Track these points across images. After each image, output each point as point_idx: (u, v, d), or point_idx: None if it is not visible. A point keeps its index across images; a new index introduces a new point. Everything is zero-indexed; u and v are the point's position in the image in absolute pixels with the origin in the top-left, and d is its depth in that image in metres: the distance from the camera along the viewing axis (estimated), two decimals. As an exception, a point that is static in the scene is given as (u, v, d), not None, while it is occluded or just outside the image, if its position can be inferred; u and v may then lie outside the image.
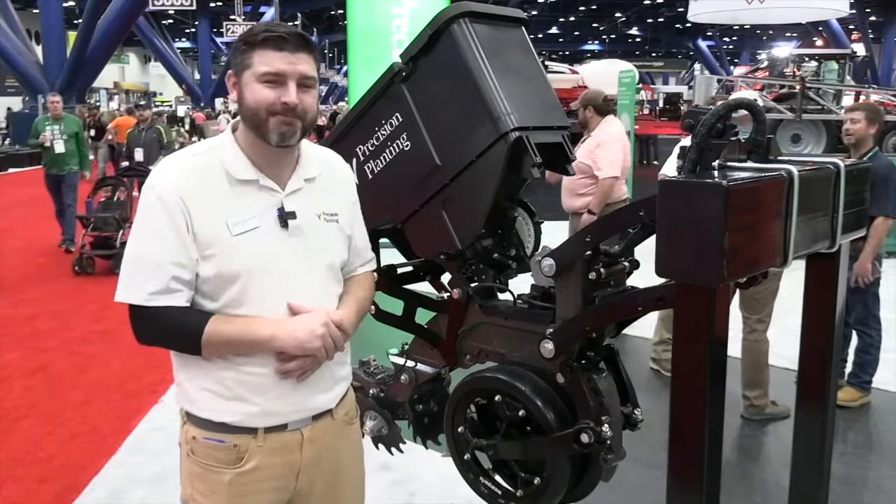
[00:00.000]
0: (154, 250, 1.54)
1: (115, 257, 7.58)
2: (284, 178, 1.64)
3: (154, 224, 1.54)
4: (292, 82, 1.55)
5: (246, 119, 1.60)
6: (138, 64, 47.95)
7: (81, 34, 19.56)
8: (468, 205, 1.95)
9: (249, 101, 1.56)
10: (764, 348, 4.15)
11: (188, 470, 1.68)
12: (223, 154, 1.61)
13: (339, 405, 1.77)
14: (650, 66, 56.01)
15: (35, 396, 4.57)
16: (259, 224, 1.58)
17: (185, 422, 1.69)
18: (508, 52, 2.01)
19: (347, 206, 1.77)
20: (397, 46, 7.08)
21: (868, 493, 3.54)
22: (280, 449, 1.66)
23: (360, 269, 1.83)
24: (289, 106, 1.55)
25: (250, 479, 1.64)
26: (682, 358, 1.52)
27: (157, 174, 1.58)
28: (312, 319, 1.59)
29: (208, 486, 1.65)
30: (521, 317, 1.94)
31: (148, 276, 1.54)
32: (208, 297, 1.58)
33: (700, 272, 1.44)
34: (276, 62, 1.54)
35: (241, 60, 1.57)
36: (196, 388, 1.63)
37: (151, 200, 1.55)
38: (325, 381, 1.70)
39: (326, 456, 1.74)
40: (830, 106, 15.43)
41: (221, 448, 1.63)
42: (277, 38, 1.54)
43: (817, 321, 1.86)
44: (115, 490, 3.46)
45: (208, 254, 1.55)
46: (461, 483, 2.06)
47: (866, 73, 30.44)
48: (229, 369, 1.60)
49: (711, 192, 1.42)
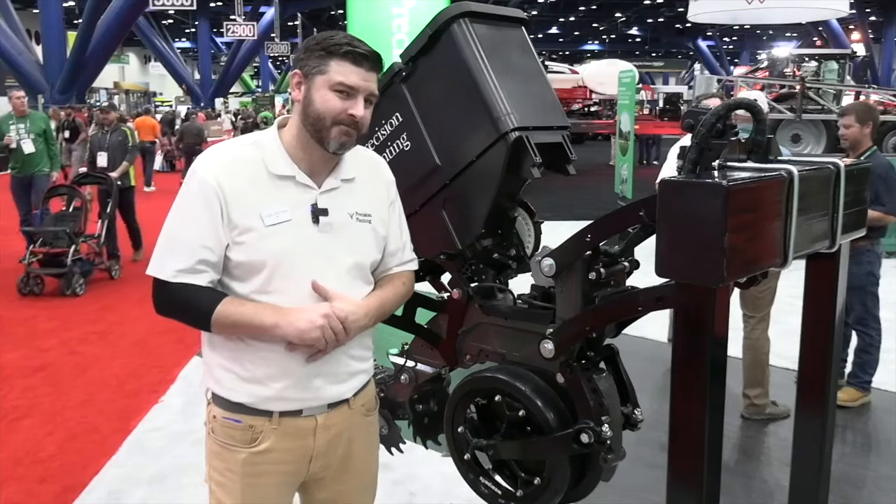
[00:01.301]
0: (187, 232, 1.64)
1: (67, 276, 6.84)
2: (322, 177, 1.71)
3: (191, 208, 1.64)
4: (362, 97, 1.64)
5: (307, 121, 1.66)
6: (138, 64, 47.97)
7: (81, 34, 19.58)
8: (468, 205, 1.96)
9: (318, 105, 1.63)
10: (765, 347, 4.15)
11: (209, 449, 1.78)
12: (265, 149, 1.69)
13: (357, 396, 1.82)
14: (650, 66, 56.00)
15: (35, 396, 4.57)
16: (291, 217, 1.65)
17: (209, 402, 1.78)
18: (508, 52, 2.01)
19: (383, 208, 1.81)
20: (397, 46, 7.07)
21: (868, 493, 3.54)
22: (294, 433, 1.73)
23: (395, 269, 1.85)
24: (355, 119, 1.64)
25: (263, 459, 1.72)
26: (682, 358, 1.52)
27: (201, 161, 1.67)
28: (315, 310, 1.63)
29: (225, 463, 1.74)
30: (521, 317, 1.94)
31: (177, 254, 1.63)
32: (238, 280, 1.66)
33: (700, 272, 1.44)
34: (353, 76, 1.62)
35: (315, 64, 1.64)
36: (219, 367, 1.72)
37: (192, 185, 1.64)
38: (341, 373, 1.75)
39: (340, 444, 1.80)
40: (830, 106, 15.42)
41: (238, 427, 1.71)
42: (359, 54, 1.63)
43: (817, 321, 1.86)
44: (115, 490, 3.47)
45: (240, 240, 1.63)
46: (461, 483, 2.06)
47: (866, 73, 30.47)
48: (248, 352, 1.68)
49: (711, 192, 1.42)
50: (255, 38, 28.65)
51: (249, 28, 26.41)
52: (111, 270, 7.57)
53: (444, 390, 2.27)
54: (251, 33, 26.65)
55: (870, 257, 4.24)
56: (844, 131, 4.24)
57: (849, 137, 4.22)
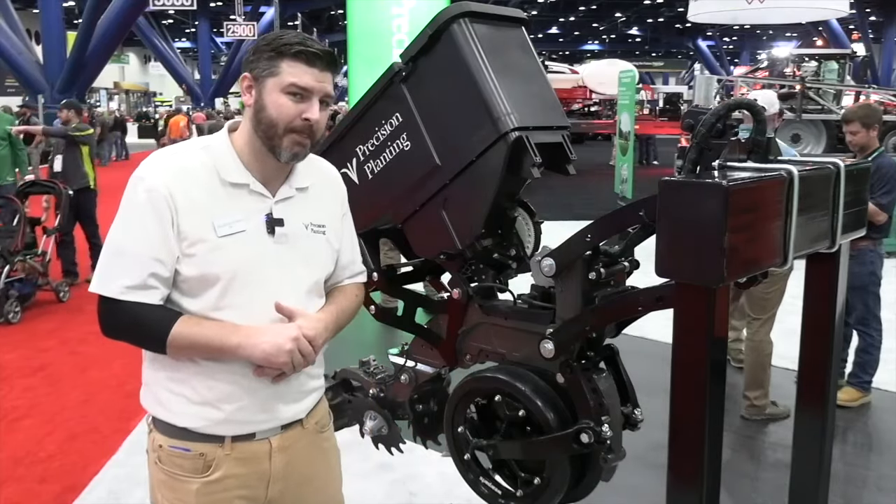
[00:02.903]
0: (135, 243, 1.51)
1: None
2: (276, 185, 1.62)
3: (138, 217, 1.52)
4: (316, 99, 1.55)
5: (259, 127, 1.56)
6: (138, 64, 47.98)
7: (81, 34, 19.55)
8: (468, 205, 1.95)
9: (271, 110, 1.54)
10: (768, 349, 4.16)
11: (156, 478, 1.66)
12: (216, 154, 1.59)
13: (310, 415, 1.74)
14: (650, 66, 55.96)
15: (35, 396, 4.57)
16: (245, 227, 1.56)
17: (151, 430, 1.67)
18: (508, 52, 2.01)
19: (336, 219, 1.74)
20: (397, 46, 7.07)
21: (868, 493, 3.54)
22: (248, 458, 1.63)
23: (346, 281, 1.79)
24: (309, 122, 1.54)
25: (218, 487, 1.61)
26: (682, 358, 1.52)
27: (147, 167, 1.55)
28: (282, 333, 1.54)
29: (176, 494, 1.63)
30: (521, 317, 1.94)
31: (126, 269, 1.51)
32: (188, 295, 1.56)
33: (700, 272, 1.44)
34: (306, 77, 1.53)
35: (266, 66, 1.53)
36: (164, 389, 1.61)
37: (138, 193, 1.52)
38: (294, 392, 1.67)
39: (298, 465, 1.70)
40: (830, 106, 15.43)
41: (188, 457, 1.60)
42: (311, 53, 1.53)
43: (817, 321, 1.86)
44: (115, 490, 3.46)
45: (191, 252, 1.52)
46: (461, 483, 2.06)
47: (866, 73, 30.45)
48: (199, 374, 1.58)
49: (711, 192, 1.42)
50: (255, 38, 28.57)
51: (249, 28, 26.40)
52: (59, 292, 6.60)
53: (444, 390, 2.27)
54: (251, 33, 26.63)
55: (872, 257, 4.24)
56: (852, 138, 4.23)
57: (857, 143, 4.22)
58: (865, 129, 4.18)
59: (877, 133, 4.24)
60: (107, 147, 20.77)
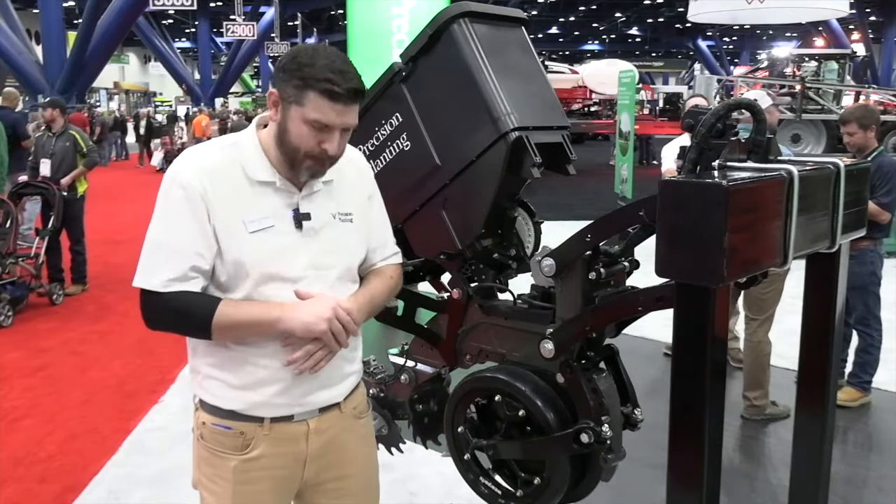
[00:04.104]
0: (175, 238, 1.58)
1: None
2: (302, 180, 1.67)
3: (176, 211, 1.58)
4: (338, 132, 1.59)
5: (282, 148, 1.61)
6: (138, 64, 47.98)
7: (81, 34, 19.56)
8: (468, 205, 1.95)
9: (293, 136, 1.58)
10: (767, 349, 4.16)
11: (198, 454, 1.75)
12: (244, 153, 1.64)
13: (348, 399, 1.80)
14: (650, 66, 55.95)
15: (35, 396, 4.57)
16: (274, 223, 1.62)
17: (197, 408, 1.76)
18: (508, 52, 2.01)
19: (363, 203, 1.78)
20: (397, 46, 7.06)
21: (868, 493, 3.54)
22: (285, 439, 1.70)
23: (380, 264, 1.83)
24: (328, 154, 1.59)
25: (255, 466, 1.69)
26: (682, 358, 1.52)
27: (180, 164, 1.62)
28: (320, 304, 1.60)
29: (215, 470, 1.71)
30: (521, 317, 1.94)
31: (167, 262, 1.57)
32: (224, 290, 1.62)
33: (700, 272, 1.44)
34: (329, 114, 1.55)
35: (292, 94, 1.56)
36: (207, 376, 1.69)
37: (173, 189, 1.58)
38: (332, 377, 1.73)
39: (334, 448, 1.77)
40: (830, 106, 15.43)
41: (228, 434, 1.69)
42: (336, 93, 1.54)
43: (817, 321, 1.86)
44: (115, 490, 3.46)
45: (224, 246, 1.59)
46: (461, 483, 2.06)
47: (866, 73, 30.46)
48: (240, 361, 1.65)
49: (711, 192, 1.42)
50: (254, 38, 28.63)
51: (249, 28, 26.40)
52: (52, 295, 6.57)
53: (444, 390, 2.27)
54: (251, 33, 26.64)
55: (872, 257, 4.24)
56: (849, 139, 4.24)
57: (855, 144, 4.23)
58: (863, 130, 4.18)
59: (874, 134, 4.25)
60: (107, 147, 20.77)
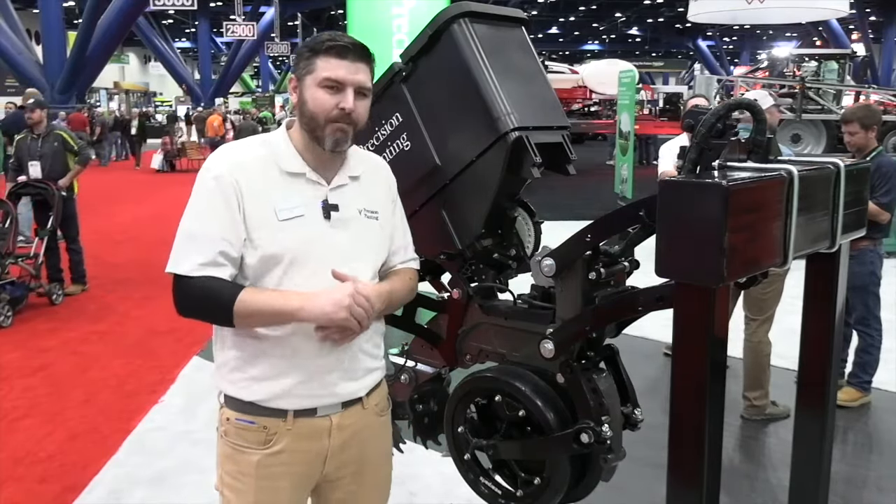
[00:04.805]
0: (206, 226, 1.63)
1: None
2: (331, 174, 1.73)
3: (208, 202, 1.64)
4: (350, 90, 1.64)
5: (304, 122, 1.68)
6: (138, 64, 47.96)
7: (81, 34, 19.55)
8: (468, 205, 1.95)
9: (310, 104, 1.65)
10: (766, 350, 4.16)
11: (221, 452, 1.78)
12: (276, 148, 1.71)
13: (370, 395, 1.82)
14: (650, 66, 55.92)
15: (35, 396, 4.57)
16: (304, 213, 1.67)
17: (221, 406, 1.78)
18: (508, 52, 2.01)
19: (387, 207, 1.84)
20: (397, 46, 7.06)
21: (868, 493, 3.54)
22: (308, 434, 1.73)
23: (399, 266, 1.87)
24: (345, 111, 1.64)
25: (277, 461, 1.71)
26: (682, 358, 1.52)
27: (215, 159, 1.68)
28: (339, 291, 1.63)
29: (237, 466, 1.73)
30: (521, 317, 1.94)
31: (198, 248, 1.62)
32: (251, 279, 1.66)
33: (700, 272, 1.44)
34: (338, 70, 1.63)
35: (304, 66, 1.66)
36: (231, 368, 1.72)
37: (207, 180, 1.65)
38: (355, 370, 1.76)
39: (355, 444, 1.80)
40: (830, 106, 15.43)
41: (251, 429, 1.71)
42: (341, 47, 1.63)
43: (817, 321, 1.86)
44: (115, 490, 3.47)
45: (255, 236, 1.64)
46: (461, 483, 2.06)
47: (866, 73, 30.46)
48: (264, 353, 1.68)
49: (711, 192, 1.42)
50: (254, 38, 28.63)
51: (249, 28, 26.40)
52: (51, 295, 6.55)
53: (444, 390, 2.27)
54: (251, 33, 26.64)
55: (872, 257, 4.24)
56: (850, 138, 4.24)
57: (855, 144, 4.23)
58: (864, 129, 4.18)
59: (875, 134, 4.25)
60: (107, 147, 20.76)
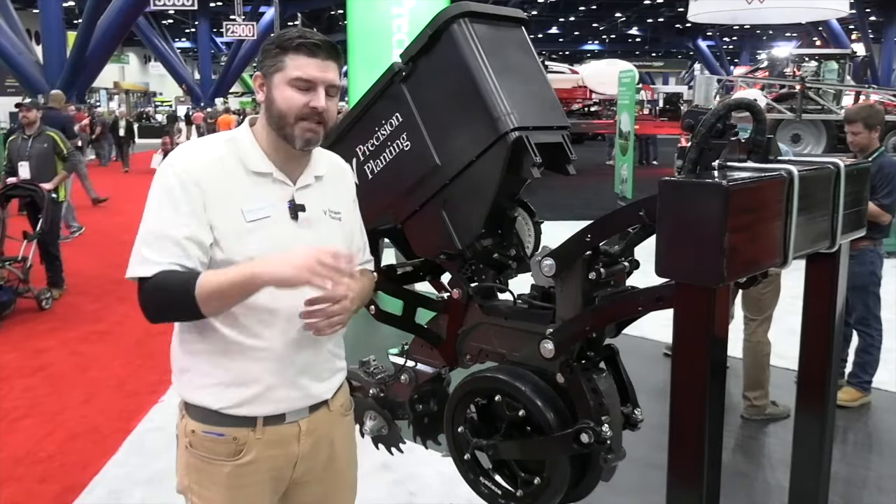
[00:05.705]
0: (169, 225, 1.56)
1: None
2: (296, 174, 1.71)
3: (170, 199, 1.57)
4: (321, 88, 1.62)
5: (272, 120, 1.65)
6: (138, 64, 47.95)
7: (81, 34, 19.56)
8: (468, 205, 1.95)
9: (279, 102, 1.61)
10: (766, 350, 4.16)
11: (186, 462, 1.73)
12: (241, 146, 1.67)
13: (335, 396, 1.82)
14: (650, 66, 55.92)
15: (35, 396, 4.57)
16: (271, 214, 1.64)
17: (183, 415, 1.73)
18: (508, 52, 2.01)
19: (349, 206, 1.83)
20: (397, 46, 7.06)
21: (868, 493, 3.54)
22: (278, 441, 1.71)
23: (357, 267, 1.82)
24: (317, 111, 1.62)
25: (248, 470, 1.69)
26: (682, 358, 1.52)
27: (176, 156, 1.63)
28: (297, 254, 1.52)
29: (207, 477, 1.70)
30: (521, 317, 1.94)
31: (160, 249, 1.55)
32: None
33: (700, 272, 1.44)
34: (309, 68, 1.60)
35: (272, 63, 1.62)
36: (197, 373, 1.67)
37: (168, 178, 1.59)
38: (324, 370, 1.76)
39: (323, 446, 1.79)
40: (830, 106, 15.44)
41: (221, 441, 1.67)
42: (312, 45, 1.60)
43: (817, 321, 1.86)
44: (115, 490, 3.46)
45: (223, 238, 1.59)
46: (461, 483, 2.06)
47: (866, 73, 30.43)
48: (232, 354, 1.63)
49: (711, 192, 1.42)
50: (255, 38, 28.61)
51: (249, 28, 26.40)
52: (41, 300, 6.32)
53: (444, 390, 2.27)
54: (251, 33, 26.64)
55: (872, 257, 4.24)
56: (853, 138, 4.23)
57: (858, 144, 4.22)
58: (868, 129, 4.17)
59: (878, 134, 4.24)
60: (107, 146, 20.75)
